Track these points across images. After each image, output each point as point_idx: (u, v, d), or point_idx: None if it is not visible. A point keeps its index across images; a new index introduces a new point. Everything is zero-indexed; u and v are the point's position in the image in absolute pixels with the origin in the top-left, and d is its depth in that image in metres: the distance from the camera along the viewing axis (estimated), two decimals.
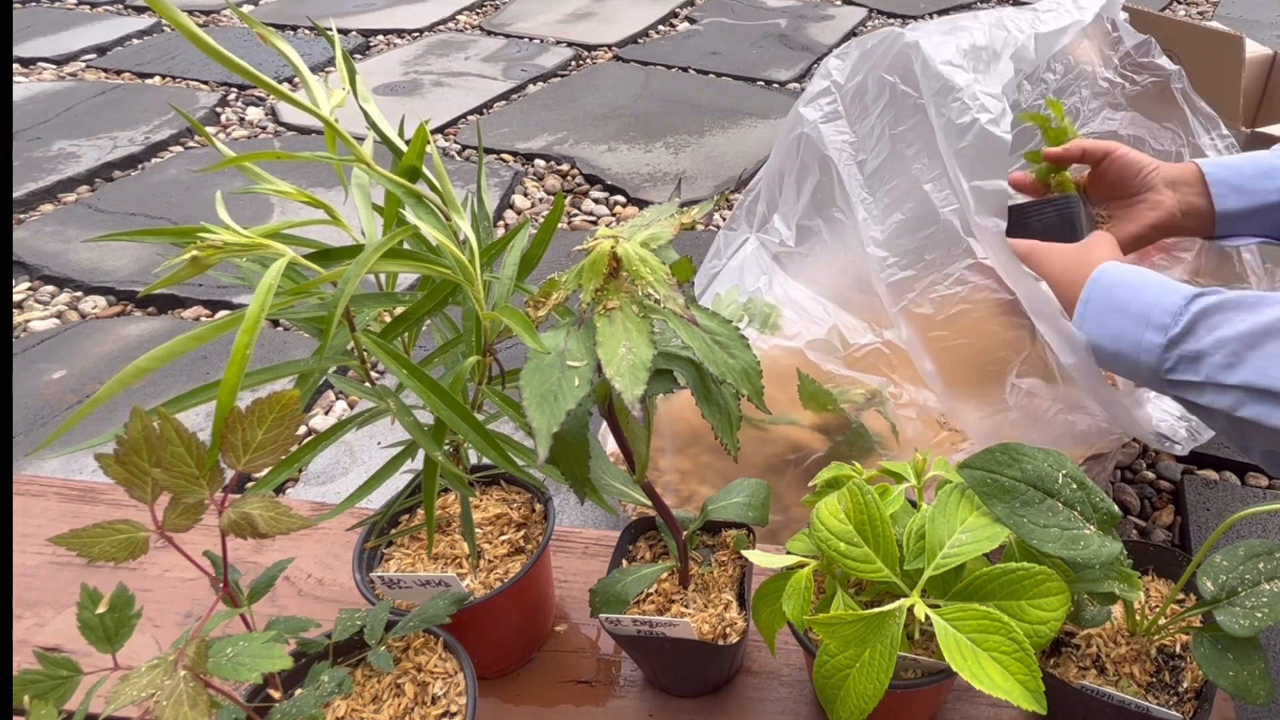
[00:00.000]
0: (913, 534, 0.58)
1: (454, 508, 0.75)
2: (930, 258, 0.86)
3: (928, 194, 0.86)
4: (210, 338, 0.46)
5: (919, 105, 0.86)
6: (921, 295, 0.86)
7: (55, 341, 1.43)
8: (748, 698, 0.72)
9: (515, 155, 2.07)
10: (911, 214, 0.87)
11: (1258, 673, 0.55)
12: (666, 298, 0.46)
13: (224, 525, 0.45)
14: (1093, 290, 0.72)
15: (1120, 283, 0.71)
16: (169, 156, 2.05)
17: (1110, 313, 0.70)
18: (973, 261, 0.84)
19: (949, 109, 0.79)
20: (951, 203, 0.84)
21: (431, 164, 0.57)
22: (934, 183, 0.85)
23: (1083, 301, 0.73)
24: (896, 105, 0.89)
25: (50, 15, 2.88)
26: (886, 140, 0.90)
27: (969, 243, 0.84)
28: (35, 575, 0.83)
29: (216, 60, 0.46)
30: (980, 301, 0.84)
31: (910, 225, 0.87)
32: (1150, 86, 0.96)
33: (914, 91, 0.86)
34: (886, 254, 0.87)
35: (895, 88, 0.89)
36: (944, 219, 0.85)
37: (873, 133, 0.91)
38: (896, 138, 0.89)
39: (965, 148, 0.78)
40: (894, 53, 0.89)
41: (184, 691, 0.41)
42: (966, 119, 0.78)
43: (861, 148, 0.92)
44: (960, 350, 0.86)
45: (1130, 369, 0.70)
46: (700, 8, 3.12)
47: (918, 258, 0.86)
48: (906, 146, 0.88)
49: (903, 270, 0.86)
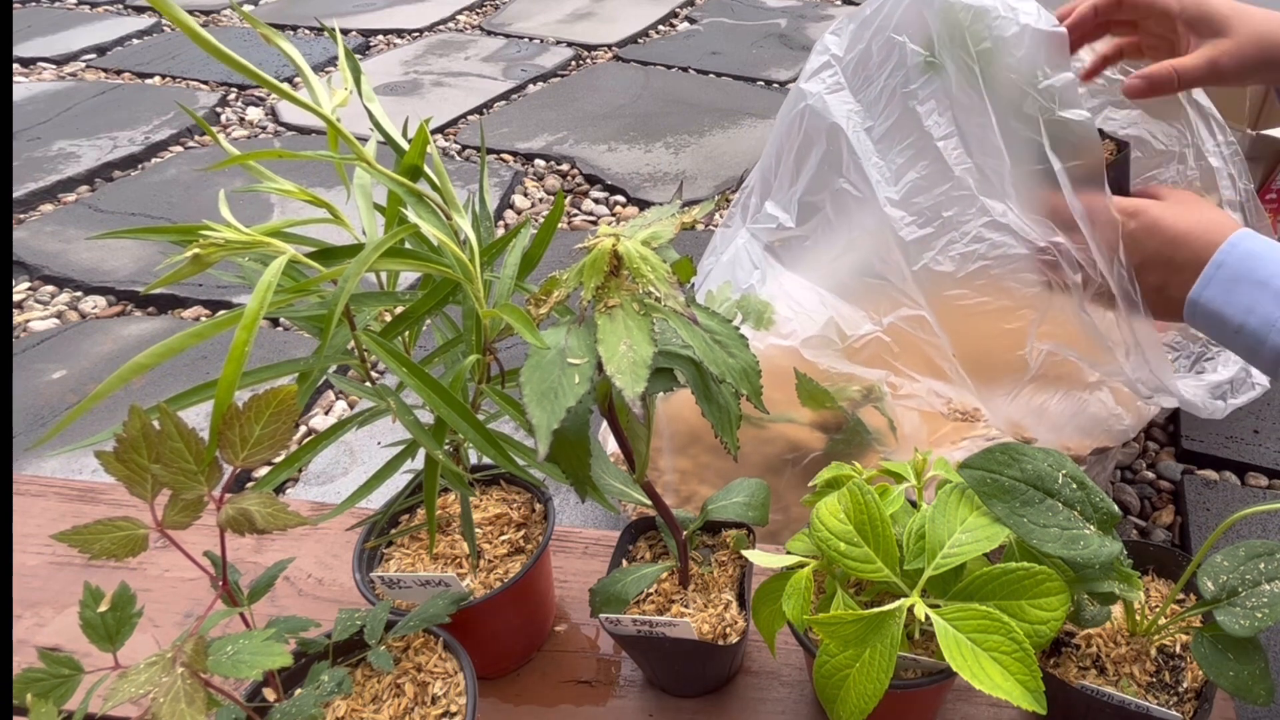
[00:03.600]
0: (913, 534, 0.58)
1: (454, 507, 0.75)
2: (948, 214, 0.85)
3: (940, 153, 0.85)
4: (210, 334, 0.46)
5: (930, 63, 0.86)
6: (941, 253, 0.85)
7: (55, 341, 1.43)
8: (748, 698, 0.72)
9: (515, 155, 2.08)
10: (926, 172, 0.87)
11: (1258, 673, 0.55)
12: (667, 296, 0.46)
13: (222, 521, 0.45)
14: (1228, 255, 0.69)
15: (1259, 254, 0.68)
16: (169, 156, 2.05)
17: (1246, 284, 0.67)
18: (989, 219, 0.83)
19: (992, 28, 0.78)
20: (965, 161, 0.84)
21: (432, 163, 0.57)
22: (947, 140, 0.85)
23: (1214, 265, 0.69)
24: (906, 65, 0.88)
25: (50, 15, 2.88)
26: (898, 100, 0.89)
27: (983, 201, 0.83)
28: (35, 575, 0.83)
29: (219, 59, 0.46)
30: (999, 258, 0.83)
31: (925, 184, 0.87)
32: None
33: (924, 50, 0.86)
34: (904, 213, 0.87)
35: (904, 47, 0.88)
36: (958, 176, 0.84)
37: (880, 97, 0.91)
38: (908, 95, 0.88)
39: (1023, 56, 0.77)
40: (900, 10, 0.89)
41: (181, 689, 0.41)
42: (1015, 29, 0.77)
43: (869, 115, 0.92)
44: (979, 312, 0.85)
45: (1250, 344, 0.67)
46: (700, 8, 3.12)
47: (935, 215, 0.86)
48: (919, 105, 0.87)
49: (921, 229, 0.86)
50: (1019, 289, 0.84)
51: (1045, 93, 0.77)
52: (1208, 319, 0.70)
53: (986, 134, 0.81)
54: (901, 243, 0.87)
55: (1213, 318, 0.69)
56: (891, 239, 0.88)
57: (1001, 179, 0.82)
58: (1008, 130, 0.80)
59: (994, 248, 0.83)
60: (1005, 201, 0.82)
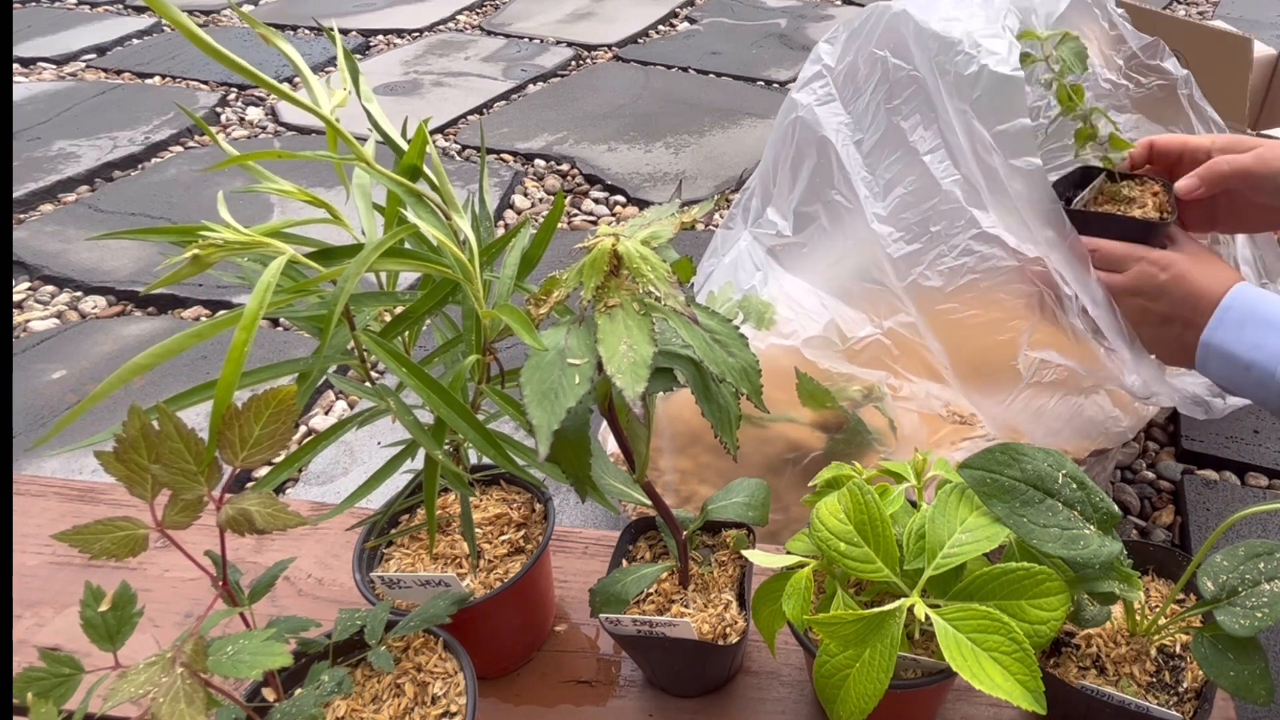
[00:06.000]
0: (913, 534, 0.58)
1: (454, 508, 0.75)
2: (935, 229, 0.86)
3: (927, 167, 0.85)
4: (210, 335, 0.46)
5: (913, 77, 0.85)
6: (929, 268, 0.86)
7: (55, 341, 1.43)
8: (748, 698, 0.72)
9: (515, 155, 2.08)
10: (913, 188, 0.87)
11: (1258, 673, 0.55)
12: (667, 295, 0.46)
13: (221, 521, 0.45)
14: (1234, 300, 0.75)
15: (1262, 298, 0.74)
16: (169, 156, 2.05)
17: (1252, 323, 0.73)
18: (978, 231, 0.84)
19: (954, 63, 0.78)
20: (952, 174, 0.84)
21: (431, 163, 0.57)
22: (933, 154, 0.85)
23: (1223, 309, 0.75)
24: (889, 80, 0.88)
25: (50, 15, 2.88)
26: (882, 116, 0.89)
27: (972, 213, 0.84)
28: (35, 575, 0.83)
29: (217, 60, 0.46)
30: (988, 270, 0.84)
31: (912, 199, 0.87)
32: (1156, 90, 0.95)
33: (906, 64, 0.86)
34: (891, 229, 0.87)
35: (886, 62, 0.88)
36: (946, 190, 0.84)
37: (867, 111, 0.91)
38: (892, 111, 0.88)
39: (979, 97, 0.77)
40: (882, 26, 0.89)
41: (181, 689, 0.41)
42: (974, 69, 0.77)
43: (858, 127, 0.92)
44: (970, 324, 0.86)
45: (1260, 378, 0.72)
46: (700, 8, 3.12)
47: (923, 230, 0.86)
48: (903, 120, 0.88)
49: (909, 244, 0.86)
50: (1009, 301, 0.85)
51: (998, 137, 0.77)
52: (1220, 359, 0.75)
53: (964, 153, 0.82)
54: (890, 259, 0.87)
55: (1225, 357, 0.75)
56: (881, 254, 0.88)
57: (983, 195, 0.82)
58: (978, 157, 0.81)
59: (983, 260, 0.84)
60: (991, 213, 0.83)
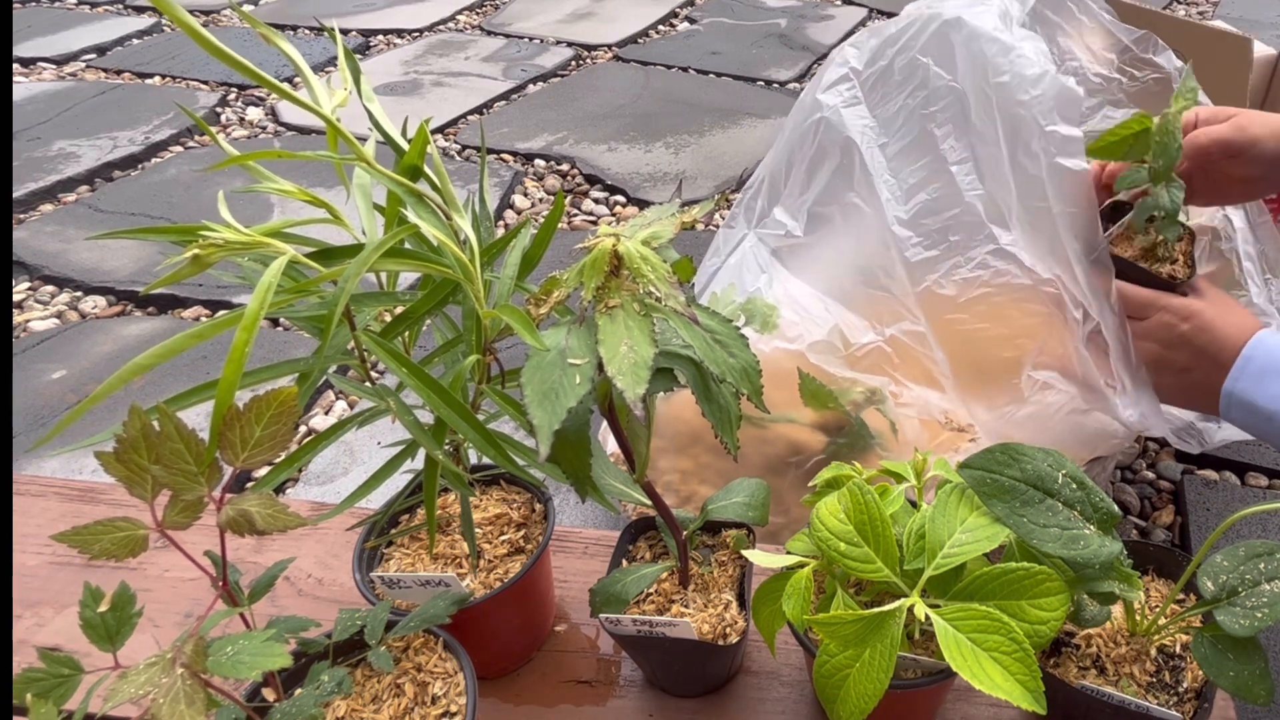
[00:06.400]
0: (913, 534, 0.58)
1: (454, 507, 0.75)
2: (954, 239, 0.86)
3: (954, 176, 0.86)
4: (210, 335, 0.46)
5: (951, 88, 0.86)
6: (945, 277, 0.86)
7: (55, 341, 1.43)
8: (748, 698, 0.72)
9: (515, 155, 2.07)
10: (937, 195, 0.87)
11: (1258, 673, 0.55)
12: (668, 296, 0.46)
13: (222, 522, 0.45)
14: (1255, 350, 0.75)
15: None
16: (169, 156, 2.05)
17: (1273, 375, 0.74)
18: (995, 247, 0.84)
19: (1014, 63, 0.79)
20: (977, 188, 0.85)
21: (432, 163, 0.57)
22: (961, 165, 0.86)
23: (1244, 359, 0.75)
24: (928, 87, 0.89)
25: (50, 15, 2.88)
26: (915, 121, 0.90)
27: (991, 229, 0.84)
28: (35, 575, 0.83)
29: (219, 59, 0.46)
30: (1002, 286, 0.84)
31: (935, 206, 0.87)
32: (1151, 83, 0.96)
33: (946, 74, 0.87)
34: (911, 233, 0.87)
35: (928, 69, 0.89)
36: (968, 201, 0.85)
37: (898, 116, 0.92)
38: (926, 118, 0.89)
39: (1039, 95, 0.78)
40: (928, 33, 0.89)
41: (181, 689, 0.41)
42: (1037, 70, 0.79)
43: (884, 131, 0.92)
44: (978, 336, 0.86)
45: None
46: (700, 8, 3.12)
47: (942, 238, 0.87)
48: (937, 127, 0.88)
49: (926, 250, 0.87)
50: (1020, 319, 0.85)
51: (1051, 135, 0.78)
52: (1242, 409, 0.76)
53: (998, 164, 0.82)
54: (906, 263, 0.87)
55: (1247, 407, 0.75)
56: (896, 258, 0.88)
57: (1010, 209, 0.83)
58: (1016, 164, 0.82)
59: (998, 275, 0.84)
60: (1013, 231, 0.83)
